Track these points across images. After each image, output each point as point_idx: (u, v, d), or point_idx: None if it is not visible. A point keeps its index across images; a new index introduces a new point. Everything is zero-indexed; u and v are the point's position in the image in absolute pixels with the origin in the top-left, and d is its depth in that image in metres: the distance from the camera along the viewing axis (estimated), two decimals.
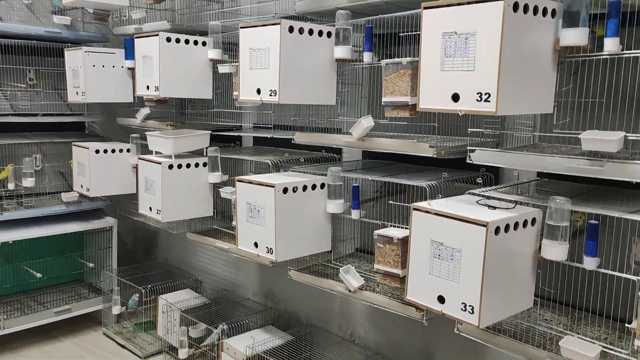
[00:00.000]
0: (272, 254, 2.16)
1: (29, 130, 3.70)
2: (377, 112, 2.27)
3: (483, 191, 1.81)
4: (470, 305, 1.53)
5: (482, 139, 2.00)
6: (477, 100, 1.47)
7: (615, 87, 1.72)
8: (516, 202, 1.66)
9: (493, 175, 2.17)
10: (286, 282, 3.01)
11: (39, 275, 3.45)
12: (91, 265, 3.75)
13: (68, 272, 3.85)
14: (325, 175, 2.27)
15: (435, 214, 1.61)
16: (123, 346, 3.54)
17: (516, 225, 1.56)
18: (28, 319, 3.39)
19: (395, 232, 1.95)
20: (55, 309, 3.51)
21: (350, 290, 2.17)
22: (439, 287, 1.61)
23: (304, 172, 2.40)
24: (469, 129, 1.87)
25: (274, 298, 3.28)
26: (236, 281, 3.51)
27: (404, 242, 1.89)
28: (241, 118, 3.13)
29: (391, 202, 2.13)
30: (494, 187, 1.91)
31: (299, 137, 2.40)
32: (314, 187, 2.24)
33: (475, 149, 1.78)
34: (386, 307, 2.07)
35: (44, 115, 3.60)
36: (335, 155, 2.78)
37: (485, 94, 1.44)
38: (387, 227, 2.08)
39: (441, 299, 1.61)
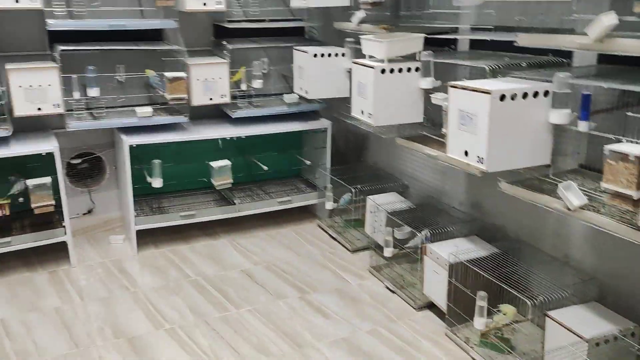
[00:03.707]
0: (482, 163, 2.08)
1: (258, 35, 4.01)
2: (624, 8, 1.92)
3: None
4: None
5: None
6: None
7: None
8: None
9: None
10: (495, 194, 2.90)
11: (265, 168, 3.88)
12: (308, 162, 4.08)
13: (289, 168, 4.26)
14: (550, 81, 2.05)
15: None
16: (334, 238, 3.87)
17: None
18: (257, 205, 3.89)
19: (633, 149, 1.70)
20: (278, 199, 3.95)
21: (569, 209, 2.00)
22: None
23: (525, 79, 2.20)
24: None
25: (481, 209, 3.20)
26: (442, 189, 3.50)
27: None
28: (458, 19, 2.95)
29: (629, 113, 1.84)
30: None
31: (523, 39, 2.17)
32: (535, 94, 2.05)
33: None
34: (612, 231, 1.87)
35: (270, 20, 3.87)
36: (564, 60, 2.48)
37: None
38: (621, 142, 1.83)
39: None
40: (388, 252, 3.19)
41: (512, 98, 2.02)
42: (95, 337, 2.74)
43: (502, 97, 2.01)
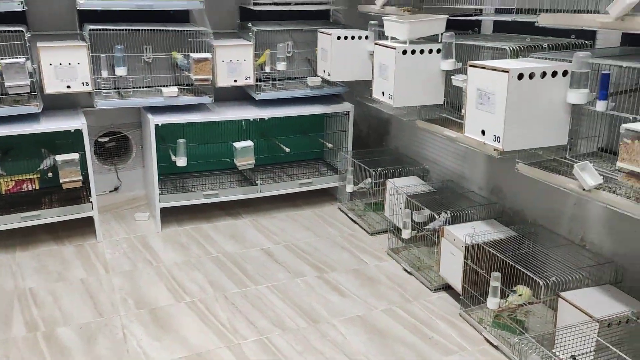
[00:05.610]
0: (499, 142, 2.09)
1: (283, 18, 4.05)
2: None
3: None
4: None
5: None
6: None
7: None
8: None
9: None
10: (514, 178, 2.91)
11: (287, 150, 3.93)
12: (330, 145, 4.12)
13: (310, 150, 4.30)
14: (570, 62, 2.04)
15: None
16: (354, 221, 3.91)
17: None
18: (278, 187, 3.95)
19: None
20: (299, 180, 4.00)
21: (584, 189, 1.99)
22: None
23: (545, 59, 2.19)
24: None
25: (500, 194, 3.20)
26: (462, 173, 3.51)
27: None
28: (482, 0, 2.93)
29: None
30: None
31: (544, 19, 2.17)
32: (554, 74, 2.04)
33: None
34: (626, 211, 1.86)
35: (296, 4, 3.89)
36: (586, 41, 2.46)
37: None
38: (638, 121, 1.82)
39: None
40: (406, 233, 3.22)
41: (530, 77, 2.02)
42: (119, 307, 2.85)
43: (520, 76, 2.01)
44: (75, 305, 2.85)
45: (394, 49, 2.73)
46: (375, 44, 2.93)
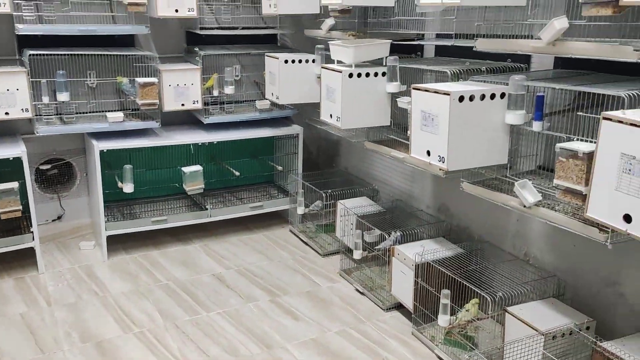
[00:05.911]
0: (443, 162, 2.14)
1: (230, 43, 4.06)
2: (575, 13, 2.02)
3: None
4: None
5: None
6: None
7: None
8: None
9: None
10: (460, 196, 2.99)
11: (237, 173, 3.90)
12: (280, 168, 4.12)
13: (260, 173, 4.29)
14: (507, 84, 2.13)
15: (629, 124, 1.43)
16: (306, 243, 3.90)
17: None
18: (229, 211, 3.90)
19: (581, 146, 1.79)
20: (250, 204, 3.97)
21: (525, 206, 2.07)
22: (626, 205, 1.46)
23: (484, 82, 2.28)
24: None
25: (447, 212, 3.27)
26: (410, 193, 3.57)
27: (590, 157, 1.73)
28: (424, 26, 3.04)
29: (580, 113, 1.93)
30: None
31: (481, 44, 2.26)
32: (492, 96, 2.13)
33: None
34: (564, 226, 1.94)
35: (243, 28, 3.91)
36: (522, 65, 2.58)
37: None
38: (572, 140, 1.91)
39: (627, 218, 1.46)
40: (357, 254, 3.23)
41: (471, 99, 2.10)
42: (62, 342, 2.72)
43: (461, 99, 2.08)
44: (14, 342, 2.70)
45: (341, 72, 2.78)
46: (322, 67, 2.97)
